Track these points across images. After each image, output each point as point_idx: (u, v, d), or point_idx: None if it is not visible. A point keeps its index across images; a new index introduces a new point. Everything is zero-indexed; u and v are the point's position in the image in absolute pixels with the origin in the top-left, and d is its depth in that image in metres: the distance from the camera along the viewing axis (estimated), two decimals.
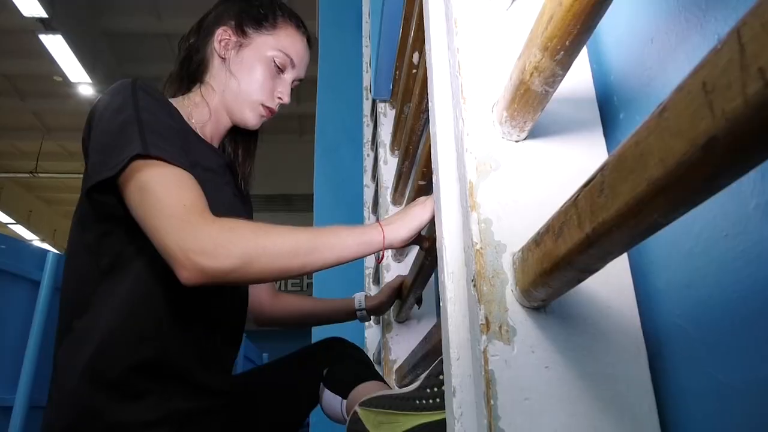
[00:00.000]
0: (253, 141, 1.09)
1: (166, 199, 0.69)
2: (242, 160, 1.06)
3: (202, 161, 0.88)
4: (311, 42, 1.06)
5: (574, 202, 0.35)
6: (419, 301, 1.27)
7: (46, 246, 8.65)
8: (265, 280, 0.75)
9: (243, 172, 1.06)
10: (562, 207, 0.37)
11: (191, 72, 0.99)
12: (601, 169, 0.31)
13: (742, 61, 0.20)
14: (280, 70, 0.98)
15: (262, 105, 0.98)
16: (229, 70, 0.96)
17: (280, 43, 0.98)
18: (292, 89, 1.02)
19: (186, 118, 0.91)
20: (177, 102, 0.94)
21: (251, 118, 0.98)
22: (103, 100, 0.81)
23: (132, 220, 0.73)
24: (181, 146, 0.79)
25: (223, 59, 0.97)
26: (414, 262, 1.11)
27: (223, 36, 0.97)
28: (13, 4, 5.45)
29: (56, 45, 5.90)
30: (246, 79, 0.96)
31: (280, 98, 0.99)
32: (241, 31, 0.97)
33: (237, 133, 1.06)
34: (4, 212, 9.97)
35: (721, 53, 0.21)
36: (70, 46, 5.95)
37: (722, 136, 0.21)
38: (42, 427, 0.79)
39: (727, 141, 0.21)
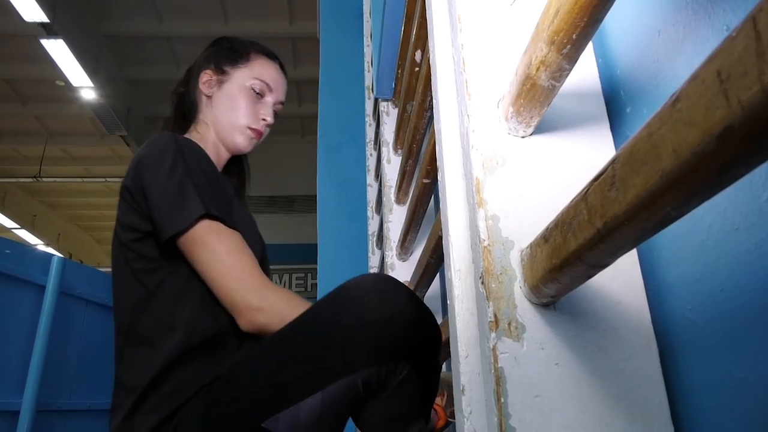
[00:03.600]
0: (247, 169, 1.21)
1: (231, 263, 0.82)
2: (239, 187, 1.18)
3: (228, 193, 0.99)
4: (285, 70, 1.17)
5: (584, 196, 0.34)
6: None
7: (50, 251, 8.68)
8: None
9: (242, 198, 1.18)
10: (571, 202, 0.36)
11: (184, 114, 1.12)
12: (612, 162, 0.31)
13: (758, 48, 0.20)
14: (260, 95, 1.10)
15: (249, 128, 1.09)
16: (216, 105, 1.09)
17: (254, 72, 1.11)
18: (276, 112, 1.14)
19: None
20: None
21: (242, 142, 1.09)
22: (150, 160, 0.89)
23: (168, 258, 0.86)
24: (224, 197, 0.90)
25: (209, 97, 1.10)
26: (419, 261, 1.11)
27: (206, 78, 1.10)
28: (14, 9, 5.46)
29: (58, 49, 5.89)
30: (231, 108, 1.08)
31: (264, 119, 1.11)
32: (220, 70, 1.10)
33: (231, 165, 1.17)
34: (8, 217, 9.99)
35: (736, 41, 0.21)
36: (72, 50, 5.94)
37: (738, 125, 0.21)
38: None
39: (743, 130, 0.21)
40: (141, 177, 0.88)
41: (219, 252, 0.83)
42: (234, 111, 1.08)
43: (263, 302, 0.81)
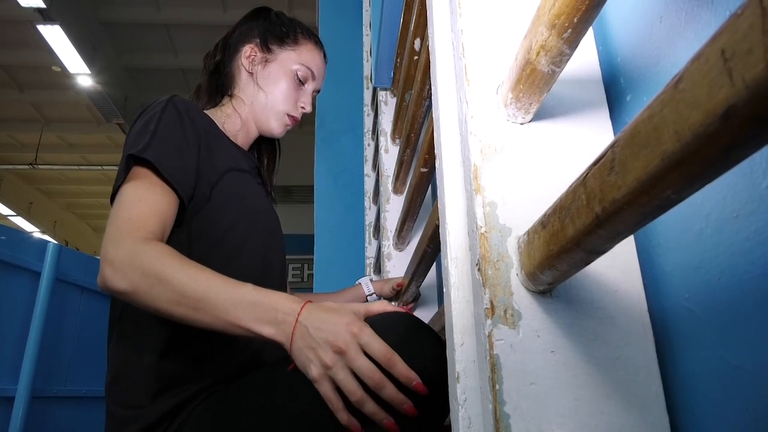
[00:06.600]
0: (278, 150, 1.17)
1: (121, 210, 0.74)
2: (267, 169, 1.15)
3: (237, 164, 0.95)
4: (326, 57, 1.16)
5: (582, 181, 0.34)
6: (416, 298, 1.29)
7: (47, 238, 8.65)
8: (155, 312, 0.68)
9: (270, 180, 1.15)
10: (570, 187, 0.36)
11: (219, 85, 1.08)
12: (612, 145, 0.30)
13: (764, 25, 0.19)
14: (302, 82, 1.08)
15: (287, 114, 1.06)
16: (257, 84, 1.05)
17: (302, 58, 1.08)
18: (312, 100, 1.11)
19: (220, 128, 0.99)
20: (211, 113, 1.01)
21: (276, 127, 1.07)
22: (143, 113, 0.87)
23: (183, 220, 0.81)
24: (193, 157, 0.83)
25: (251, 74, 1.06)
26: (416, 250, 1.10)
27: (249, 53, 1.06)
28: None
29: (55, 35, 5.84)
30: (272, 91, 1.05)
31: (303, 107, 1.09)
32: (266, 47, 1.07)
33: (262, 143, 1.15)
34: (4, 204, 9.96)
35: (742, 18, 0.20)
36: (69, 37, 5.90)
37: (742, 105, 0.21)
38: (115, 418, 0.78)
39: (747, 110, 0.20)
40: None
41: (122, 197, 0.75)
42: (275, 95, 1.05)
43: (116, 255, 0.68)
